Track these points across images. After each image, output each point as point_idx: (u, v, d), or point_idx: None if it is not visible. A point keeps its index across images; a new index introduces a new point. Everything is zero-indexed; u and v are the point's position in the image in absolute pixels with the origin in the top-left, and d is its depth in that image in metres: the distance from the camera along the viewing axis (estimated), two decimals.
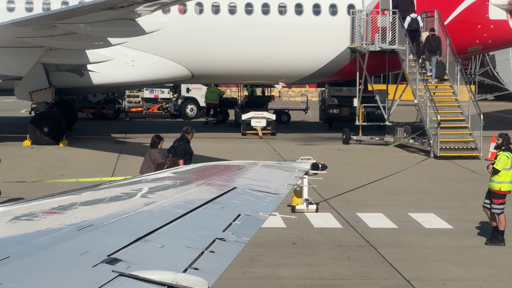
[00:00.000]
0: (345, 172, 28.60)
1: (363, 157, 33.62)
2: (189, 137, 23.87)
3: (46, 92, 38.53)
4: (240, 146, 37.11)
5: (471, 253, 19.25)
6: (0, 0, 39.18)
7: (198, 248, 6.23)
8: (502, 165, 19.96)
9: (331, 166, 16.66)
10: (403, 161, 33.68)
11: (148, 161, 22.85)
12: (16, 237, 6.21)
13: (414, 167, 32.42)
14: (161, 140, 23.51)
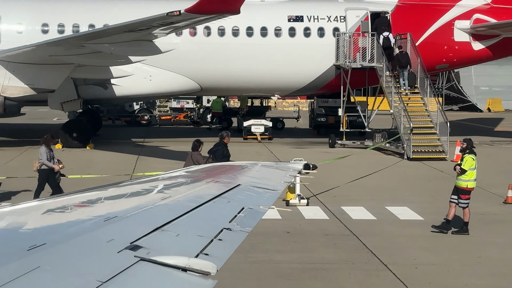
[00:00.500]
0: (331, 172, 28.56)
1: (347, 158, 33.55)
2: (225, 141, 23.96)
3: (75, 103, 38.54)
4: (242, 149, 37.03)
5: (439, 241, 19.22)
6: (35, 23, 39.17)
7: (208, 237, 6.21)
8: (468, 166, 20.09)
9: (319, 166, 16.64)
10: (381, 162, 33.67)
11: (190, 163, 22.44)
12: (51, 226, 6.18)
13: (390, 168, 32.42)
14: (201, 144, 23.50)
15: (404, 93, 37.81)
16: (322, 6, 43.17)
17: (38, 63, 35.92)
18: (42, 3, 44.74)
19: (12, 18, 39.23)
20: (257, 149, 37.48)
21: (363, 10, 41.50)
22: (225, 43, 40.23)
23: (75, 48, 35.11)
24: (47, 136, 23.87)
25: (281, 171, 10.93)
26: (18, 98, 36.50)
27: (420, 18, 41.71)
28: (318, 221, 21.44)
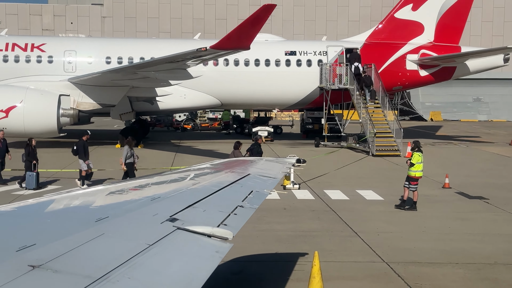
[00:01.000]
0: (316, 164, 28.50)
1: (327, 155, 33.57)
2: (259, 141, 24.52)
3: (130, 114, 38.60)
4: None
5: (395, 215, 19.21)
6: (101, 56, 39.21)
7: (226, 212, 6.23)
8: (415, 160, 20.25)
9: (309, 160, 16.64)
10: (352, 158, 33.63)
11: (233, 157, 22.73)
12: (112, 204, 6.20)
13: (359, 161, 32.38)
14: (240, 144, 23.83)
15: (370, 107, 37.87)
16: (310, 44, 43.17)
17: (103, 85, 36.03)
18: (106, 42, 44.88)
19: (85, 53, 39.30)
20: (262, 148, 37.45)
21: (339, 47, 41.48)
22: (239, 70, 40.24)
23: (130, 75, 35.21)
24: (129, 139, 24.09)
25: (280, 164, 10.95)
26: (89, 111, 36.58)
27: (381, 53, 41.70)
28: (307, 201, 21.43)
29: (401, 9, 42.77)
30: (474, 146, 40.93)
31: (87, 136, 24.57)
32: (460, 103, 73.77)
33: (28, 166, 23.05)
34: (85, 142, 23.97)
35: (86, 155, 23.54)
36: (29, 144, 23.58)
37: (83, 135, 24.37)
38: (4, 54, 38.36)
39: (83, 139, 24.03)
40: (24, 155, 23.44)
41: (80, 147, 23.67)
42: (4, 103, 33.57)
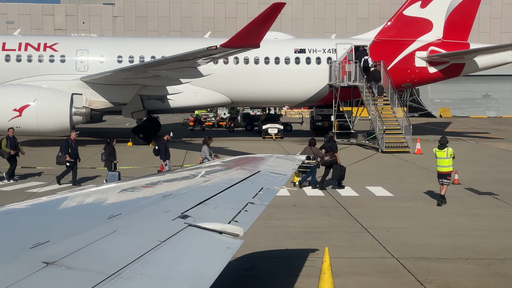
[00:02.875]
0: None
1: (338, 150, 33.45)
2: (334, 138, 25.59)
3: (141, 112, 38.70)
4: (261, 145, 37.06)
5: (405, 211, 19.17)
6: (113, 55, 39.33)
7: (237, 208, 6.23)
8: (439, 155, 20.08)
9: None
10: (362, 154, 33.58)
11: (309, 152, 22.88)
12: (125, 201, 6.22)
13: (368, 158, 32.32)
14: (315, 141, 24.43)
15: (379, 104, 37.81)
16: (319, 42, 43.07)
17: (115, 84, 36.14)
18: (118, 41, 45.02)
19: (96, 52, 39.43)
20: (272, 145, 37.46)
21: (348, 44, 41.38)
22: (249, 69, 40.24)
23: (141, 73, 35.31)
24: (206, 138, 24.07)
25: (290, 161, 10.93)
26: (101, 109, 36.71)
27: (390, 50, 41.58)
28: (317, 197, 21.42)
29: (409, 7, 42.61)
30: (483, 142, 40.75)
31: (168, 136, 24.79)
32: (469, 99, 73.45)
33: (108, 166, 22.85)
34: (166, 142, 23.99)
35: (167, 154, 23.50)
36: (109, 144, 23.37)
37: (165, 135, 24.62)
38: (18, 54, 38.53)
39: (164, 139, 24.13)
40: (103, 155, 23.17)
41: (162, 146, 23.72)
42: (18, 102, 33.73)
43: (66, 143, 23.45)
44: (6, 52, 38.50)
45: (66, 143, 23.45)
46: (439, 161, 20.21)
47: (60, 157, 23.29)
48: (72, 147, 23.35)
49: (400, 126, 36.14)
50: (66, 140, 23.66)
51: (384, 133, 35.03)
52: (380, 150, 34.73)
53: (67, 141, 23.55)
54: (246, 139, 41.51)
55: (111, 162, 22.85)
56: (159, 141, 24.26)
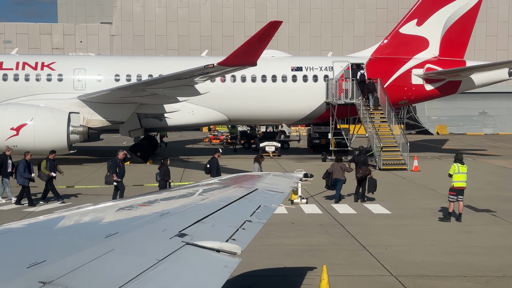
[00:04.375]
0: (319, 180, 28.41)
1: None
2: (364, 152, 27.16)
3: (139, 131, 38.73)
4: None
5: (403, 229, 19.12)
6: (110, 74, 39.40)
7: (235, 227, 6.21)
8: (452, 171, 20.30)
9: (315, 175, 16.63)
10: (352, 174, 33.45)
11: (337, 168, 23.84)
12: (122, 220, 6.20)
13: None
14: (342, 157, 25.64)
15: (376, 121, 37.90)
16: (316, 60, 43.30)
17: (112, 102, 36.19)
18: (115, 60, 45.16)
19: (94, 71, 39.51)
20: (270, 163, 37.39)
21: (345, 62, 41.53)
22: (246, 87, 40.33)
23: (138, 92, 35.38)
24: (257, 156, 24.52)
25: (287, 179, 10.92)
26: (98, 128, 36.73)
27: (387, 68, 41.73)
28: (315, 215, 21.37)
29: (405, 25, 42.84)
30: (481, 159, 40.78)
31: (219, 153, 24.84)
32: (466, 116, 73.60)
33: (163, 185, 22.65)
34: (217, 160, 24.07)
35: (218, 172, 23.47)
36: (164, 164, 23.35)
37: (215, 153, 24.69)
38: (15, 73, 38.60)
39: (215, 157, 24.18)
40: (158, 175, 23.01)
41: (214, 164, 23.76)
42: (15, 121, 33.73)
43: (114, 162, 23.16)
44: (3, 71, 38.57)
45: (114, 162, 23.16)
46: (460, 176, 20.19)
47: (108, 177, 23.08)
48: (120, 166, 23.18)
49: (397, 144, 36.20)
50: (114, 160, 23.33)
51: (382, 150, 35.07)
52: (377, 167, 34.71)
53: (115, 160, 23.23)
54: (244, 157, 41.50)
55: (166, 182, 22.74)
56: (211, 159, 24.23)
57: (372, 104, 38.34)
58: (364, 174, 24.02)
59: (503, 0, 73.11)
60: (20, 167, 23.18)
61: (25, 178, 23.09)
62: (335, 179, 23.77)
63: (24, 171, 23.07)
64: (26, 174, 23.11)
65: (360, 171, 24.11)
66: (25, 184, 23.19)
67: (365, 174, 24.04)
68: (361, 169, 24.17)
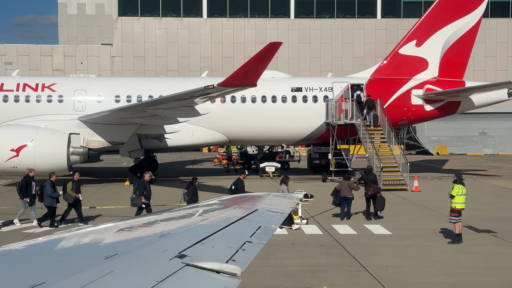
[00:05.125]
0: (324, 199, 28.32)
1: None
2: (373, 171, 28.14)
3: (139, 151, 38.73)
4: (258, 184, 36.98)
5: (403, 249, 19.07)
6: (110, 95, 39.52)
7: (235, 248, 6.19)
8: (455, 192, 20.23)
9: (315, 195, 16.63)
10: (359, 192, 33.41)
11: (345, 186, 24.67)
12: (122, 241, 6.19)
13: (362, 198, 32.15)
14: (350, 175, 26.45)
15: (376, 142, 37.96)
16: (316, 80, 43.42)
17: (113, 123, 36.23)
18: (115, 81, 45.28)
19: (94, 92, 39.63)
20: (269, 184, 37.38)
21: (345, 83, 41.67)
22: (246, 107, 40.42)
23: (139, 113, 35.42)
24: (284, 177, 24.65)
25: (287, 199, 10.91)
26: (98, 149, 36.73)
27: (387, 88, 41.85)
28: (315, 236, 21.32)
29: (405, 45, 43.03)
30: (481, 180, 40.75)
31: (245, 175, 25.09)
32: (465, 137, 73.62)
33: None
34: (243, 181, 24.19)
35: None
36: (192, 184, 23.33)
37: (241, 174, 24.91)
38: (15, 94, 38.71)
39: (240, 178, 24.32)
40: (186, 195, 23.05)
41: (240, 186, 23.85)
42: (15, 143, 33.74)
43: (141, 184, 23.07)
44: (4, 93, 38.67)
45: (141, 184, 23.07)
46: (462, 198, 20.26)
47: (135, 199, 22.99)
48: (147, 188, 23.12)
49: (397, 164, 36.21)
50: (141, 182, 23.24)
51: (382, 170, 35.04)
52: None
53: (142, 182, 23.15)
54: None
55: (194, 202, 22.78)
56: (237, 180, 24.37)
57: (371, 122, 38.46)
58: (375, 192, 24.84)
59: (501, 21, 73.48)
60: (48, 188, 23.04)
61: (53, 198, 23.03)
62: (343, 197, 24.54)
63: (52, 191, 23.02)
64: (55, 193, 23.07)
65: (371, 189, 24.87)
66: (53, 204, 23.15)
67: (376, 192, 24.85)
68: (372, 187, 24.96)
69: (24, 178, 24.40)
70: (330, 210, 26.14)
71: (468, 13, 42.74)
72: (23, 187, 23.89)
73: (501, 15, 73.72)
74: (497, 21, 73.19)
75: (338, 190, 24.72)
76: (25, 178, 24.28)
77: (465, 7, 42.63)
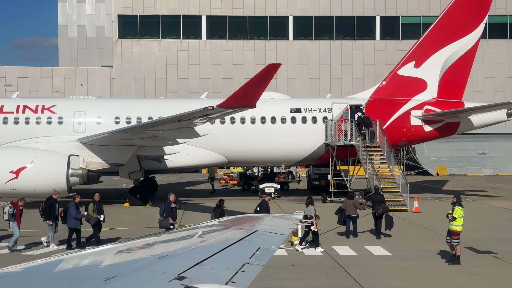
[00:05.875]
0: (325, 219, 28.25)
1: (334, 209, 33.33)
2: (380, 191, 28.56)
3: (138, 173, 38.72)
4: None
5: (404, 270, 18.99)
6: (110, 117, 39.61)
7: (234, 269, 6.18)
8: (458, 215, 20.12)
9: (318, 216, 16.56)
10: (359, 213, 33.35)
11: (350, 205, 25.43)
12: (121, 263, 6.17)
13: (366, 217, 32.08)
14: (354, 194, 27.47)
15: (376, 163, 37.96)
16: (315, 101, 43.48)
17: (112, 145, 36.27)
18: (115, 102, 45.34)
19: (94, 113, 39.72)
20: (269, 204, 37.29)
21: (344, 104, 41.76)
22: (245, 128, 40.48)
23: (138, 134, 35.46)
24: (309, 198, 25.10)
25: (287, 220, 10.89)
26: (98, 170, 36.71)
27: (386, 109, 41.94)
28: (315, 257, 21.24)
29: (403, 66, 43.20)
30: (481, 201, 40.68)
31: (270, 197, 25.29)
32: (465, 157, 73.64)
33: None
34: (268, 203, 24.23)
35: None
36: (220, 206, 23.32)
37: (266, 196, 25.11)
38: (15, 116, 38.78)
39: (265, 200, 24.36)
40: (213, 216, 23.07)
41: (264, 208, 23.84)
42: (15, 165, 33.73)
43: (168, 206, 23.25)
44: (4, 115, 38.75)
45: (168, 206, 23.25)
46: (462, 220, 20.26)
47: (163, 221, 23.07)
48: (174, 210, 23.29)
49: (397, 185, 36.17)
50: (167, 203, 23.39)
51: (381, 191, 34.96)
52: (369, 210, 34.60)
53: (168, 203, 23.33)
54: (243, 199, 41.39)
55: None
56: (261, 202, 24.40)
57: (368, 139, 38.57)
58: (384, 211, 25.54)
59: (500, 43, 73.81)
60: (72, 210, 23.00)
61: (77, 219, 23.00)
62: (348, 215, 25.14)
63: (76, 213, 22.99)
64: (79, 215, 23.05)
65: (380, 208, 25.57)
66: (77, 226, 23.10)
67: (384, 211, 25.55)
68: (380, 207, 25.65)
69: (48, 200, 24.33)
70: (330, 231, 26.08)
71: (466, 34, 42.99)
72: (47, 209, 23.86)
73: (499, 36, 74.06)
74: (496, 42, 73.55)
75: (343, 209, 25.05)
76: (49, 200, 24.23)
77: (463, 29, 42.88)
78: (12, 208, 23.20)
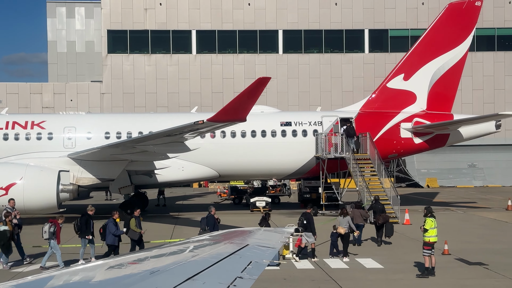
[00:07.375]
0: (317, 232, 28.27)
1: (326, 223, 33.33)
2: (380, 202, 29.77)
3: (129, 188, 38.62)
4: (249, 218, 36.80)
5: (396, 283, 18.99)
6: (100, 132, 39.54)
7: (226, 283, 6.16)
8: (429, 226, 20.20)
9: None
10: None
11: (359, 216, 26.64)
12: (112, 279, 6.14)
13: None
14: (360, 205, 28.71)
15: (366, 175, 38.01)
16: (305, 114, 43.59)
17: (102, 160, 36.18)
18: (105, 118, 45.28)
19: (84, 129, 39.63)
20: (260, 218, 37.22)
21: (334, 117, 41.86)
22: (236, 142, 40.49)
23: (129, 149, 35.41)
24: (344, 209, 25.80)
25: (278, 234, 10.87)
26: (88, 186, 36.60)
27: (376, 122, 42.08)
28: (307, 270, 21.21)
29: (393, 79, 43.41)
30: (471, 212, 40.78)
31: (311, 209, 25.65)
32: (455, 169, 73.86)
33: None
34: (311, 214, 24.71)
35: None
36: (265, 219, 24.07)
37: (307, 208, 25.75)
38: (5, 133, 38.64)
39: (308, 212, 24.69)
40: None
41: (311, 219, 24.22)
42: (4, 181, 33.58)
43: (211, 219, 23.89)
44: None
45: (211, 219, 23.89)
46: (434, 231, 20.31)
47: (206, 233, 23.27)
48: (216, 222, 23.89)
49: (387, 197, 36.21)
50: (210, 216, 24.05)
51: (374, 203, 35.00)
52: (369, 221, 34.55)
53: (212, 216, 23.97)
54: (234, 213, 41.32)
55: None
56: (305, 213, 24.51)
57: (353, 148, 38.79)
58: (384, 220, 26.70)
59: (487, 55, 74.29)
60: (111, 226, 23.12)
61: (116, 236, 23.10)
62: (356, 224, 25.82)
63: (116, 229, 23.11)
64: (118, 231, 23.20)
65: (381, 217, 26.74)
66: (115, 243, 23.19)
67: (386, 220, 26.71)
68: (381, 216, 26.82)
69: (83, 216, 24.40)
70: (321, 244, 26.04)
71: (455, 46, 43.27)
72: (83, 225, 23.90)
73: (487, 49, 74.53)
74: (483, 54, 74.01)
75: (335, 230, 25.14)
76: (84, 217, 24.30)
77: (452, 41, 43.17)
78: (53, 227, 23.15)
